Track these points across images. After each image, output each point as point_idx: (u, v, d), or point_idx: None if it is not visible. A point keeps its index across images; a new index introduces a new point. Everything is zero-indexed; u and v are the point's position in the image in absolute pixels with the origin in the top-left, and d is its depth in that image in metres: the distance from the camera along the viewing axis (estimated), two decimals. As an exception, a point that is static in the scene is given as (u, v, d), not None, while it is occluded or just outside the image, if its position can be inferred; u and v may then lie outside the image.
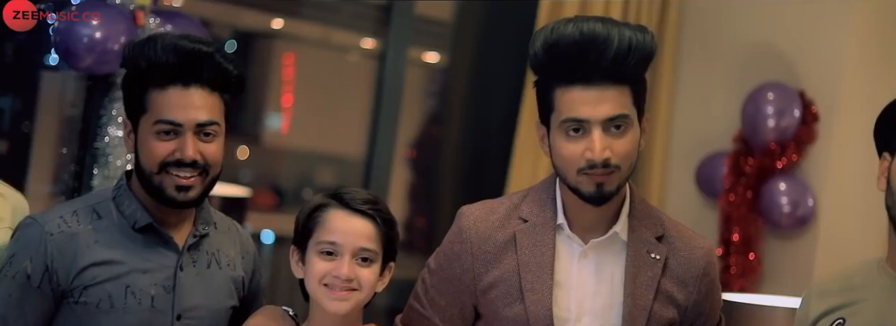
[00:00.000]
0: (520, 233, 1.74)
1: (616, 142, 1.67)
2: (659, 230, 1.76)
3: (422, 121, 4.39)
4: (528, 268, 1.72)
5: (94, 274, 1.72)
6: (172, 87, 1.72)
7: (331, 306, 1.71)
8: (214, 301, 1.82)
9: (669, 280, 1.73)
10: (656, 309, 1.70)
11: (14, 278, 1.70)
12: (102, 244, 1.74)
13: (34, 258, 1.71)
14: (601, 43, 1.64)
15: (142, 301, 1.74)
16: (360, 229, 1.73)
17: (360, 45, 4.27)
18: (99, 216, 1.76)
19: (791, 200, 3.47)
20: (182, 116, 1.72)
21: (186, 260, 1.79)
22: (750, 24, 3.67)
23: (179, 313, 1.77)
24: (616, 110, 1.67)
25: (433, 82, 4.42)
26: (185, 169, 1.72)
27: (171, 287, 1.76)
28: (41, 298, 1.71)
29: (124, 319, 1.72)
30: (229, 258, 1.86)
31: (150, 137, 1.73)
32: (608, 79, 1.66)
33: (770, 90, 3.51)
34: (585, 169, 1.66)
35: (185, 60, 1.72)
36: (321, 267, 1.71)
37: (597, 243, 1.73)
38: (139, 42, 1.77)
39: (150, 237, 1.77)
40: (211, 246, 1.84)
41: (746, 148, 3.56)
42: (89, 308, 1.72)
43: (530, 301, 1.70)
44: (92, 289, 1.72)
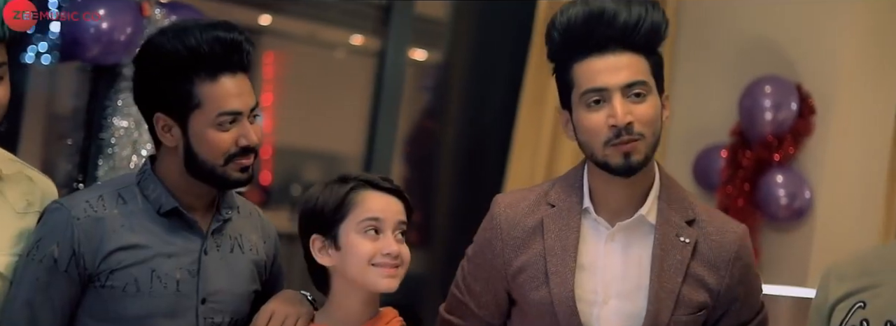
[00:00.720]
0: (547, 218, 1.76)
1: (637, 108, 1.68)
2: (690, 214, 1.76)
3: (418, 118, 4.40)
4: (554, 252, 1.73)
5: (121, 259, 1.72)
6: (223, 77, 1.72)
7: (383, 284, 1.72)
8: (238, 286, 1.82)
9: (700, 264, 1.72)
10: (685, 292, 1.70)
11: (41, 262, 1.70)
12: (128, 228, 1.74)
13: (61, 242, 1.71)
14: (610, 15, 1.68)
15: (167, 285, 1.74)
16: (395, 206, 1.75)
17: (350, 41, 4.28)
18: (124, 200, 1.76)
19: (788, 192, 3.51)
20: (240, 104, 1.73)
21: (211, 245, 1.79)
22: (747, 17, 3.71)
23: (204, 297, 1.77)
24: (634, 76, 1.69)
25: (429, 79, 4.43)
26: (248, 155, 1.74)
27: (195, 272, 1.76)
28: (68, 282, 1.72)
29: (150, 303, 1.73)
30: (252, 242, 1.86)
31: (210, 130, 1.72)
32: (621, 46, 1.69)
33: (767, 83, 3.55)
34: (612, 140, 1.67)
35: (230, 49, 1.72)
36: (368, 246, 1.72)
37: (624, 226, 1.73)
38: (172, 33, 1.73)
39: (174, 221, 1.77)
40: (234, 231, 1.84)
41: (743, 140, 3.60)
42: (115, 292, 1.72)
43: (554, 284, 1.71)
44: (118, 273, 1.72)
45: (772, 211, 3.53)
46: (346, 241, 1.74)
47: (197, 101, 1.71)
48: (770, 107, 3.51)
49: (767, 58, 3.65)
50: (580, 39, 1.70)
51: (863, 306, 1.66)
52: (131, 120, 2.63)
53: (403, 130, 4.07)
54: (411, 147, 4.14)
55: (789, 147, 3.52)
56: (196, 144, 1.73)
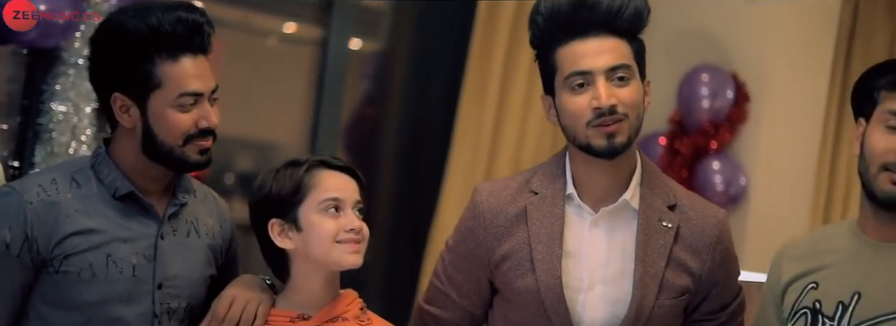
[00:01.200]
0: (530, 206, 1.76)
1: (621, 91, 1.69)
2: (671, 199, 1.77)
3: (359, 107, 4.38)
4: (539, 239, 1.73)
5: (75, 243, 1.69)
6: (184, 58, 1.70)
7: (349, 259, 1.73)
8: (194, 270, 1.79)
9: (682, 249, 1.74)
10: (668, 277, 1.71)
11: None
12: (82, 212, 1.70)
13: (13, 226, 1.66)
14: (592, 0, 1.70)
15: (123, 271, 1.71)
16: (351, 184, 1.76)
17: (282, 29, 4.24)
18: (78, 184, 1.72)
19: (724, 179, 3.58)
20: (201, 85, 1.71)
21: (167, 229, 1.77)
22: (684, 7, 3.78)
23: (160, 282, 1.74)
24: (617, 60, 1.70)
25: (370, 68, 4.42)
26: (207, 137, 1.73)
27: (152, 256, 1.74)
28: (20, 267, 1.67)
29: (106, 288, 1.69)
30: (208, 226, 1.84)
31: (169, 111, 1.70)
32: (604, 30, 1.71)
33: (704, 72, 3.62)
34: (594, 121, 1.68)
35: (191, 30, 1.70)
36: (331, 224, 1.72)
37: (607, 211, 1.74)
38: (133, 12, 1.70)
39: (130, 205, 1.74)
40: (190, 215, 1.81)
41: (681, 128, 3.66)
42: (70, 278, 1.68)
43: (540, 272, 1.71)
44: (73, 258, 1.68)
45: (708, 197, 3.58)
46: (307, 222, 1.73)
47: (157, 81, 1.69)
48: (707, 96, 3.59)
49: (704, 47, 3.72)
50: (564, 24, 1.71)
51: (815, 286, 1.69)
52: (70, 105, 2.57)
53: (344, 119, 4.05)
54: (352, 136, 4.13)
55: (725, 134, 3.60)
56: (155, 125, 1.71)
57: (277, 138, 4.19)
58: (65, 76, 2.56)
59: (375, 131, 4.13)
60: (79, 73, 2.56)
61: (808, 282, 1.70)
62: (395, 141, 3.99)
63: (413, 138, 3.97)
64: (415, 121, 3.97)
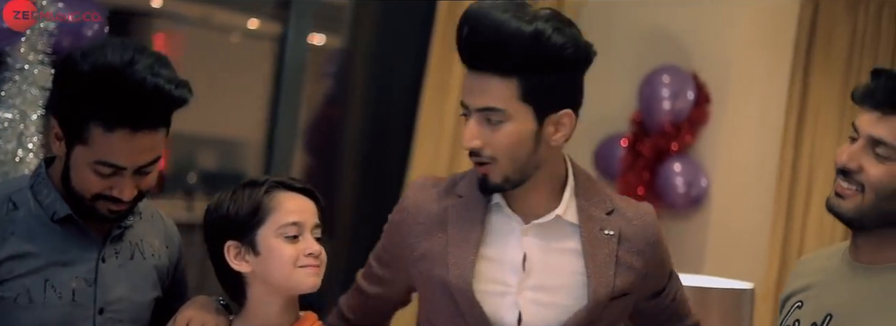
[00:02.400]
0: (452, 209, 1.75)
1: (493, 134, 1.65)
2: (608, 205, 1.76)
3: (320, 104, 4.34)
4: (456, 243, 1.72)
5: (11, 268, 1.63)
6: (119, 131, 1.57)
7: (309, 282, 1.70)
8: (138, 294, 1.74)
9: (626, 251, 1.74)
10: (618, 282, 1.72)
11: None
12: (19, 236, 1.64)
13: None
14: (481, 30, 1.62)
15: (62, 296, 1.65)
16: (310, 207, 1.72)
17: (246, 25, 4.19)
18: (15, 206, 1.66)
19: (686, 181, 3.58)
20: (126, 161, 1.61)
21: (108, 252, 1.71)
22: (645, 8, 3.76)
23: (101, 306, 1.69)
24: (487, 102, 1.64)
25: (331, 64, 4.37)
26: (120, 203, 1.65)
27: (93, 280, 1.68)
28: None
29: (44, 314, 1.64)
30: (153, 248, 1.79)
31: (85, 169, 1.61)
32: (491, 68, 1.63)
33: (665, 73, 3.61)
34: (471, 156, 1.68)
35: (146, 105, 1.57)
36: (291, 250, 1.69)
37: (538, 224, 1.73)
38: (90, 66, 1.56)
39: (69, 228, 1.68)
40: (134, 236, 1.76)
41: (643, 129, 3.65)
42: (7, 304, 1.63)
43: (453, 276, 1.71)
44: (9, 284, 1.63)
45: (670, 199, 3.60)
46: (266, 246, 1.69)
47: (83, 138, 1.59)
48: (668, 97, 3.58)
49: (665, 48, 3.71)
50: (461, 52, 1.67)
51: (800, 306, 1.70)
52: (16, 112, 2.49)
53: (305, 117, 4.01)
54: (313, 134, 4.08)
55: (686, 135, 3.59)
56: (72, 170, 1.64)
57: (242, 136, 4.14)
58: (10, 82, 2.49)
59: (336, 129, 4.08)
60: (25, 79, 2.48)
61: (797, 300, 1.71)
62: (357, 139, 3.96)
63: (375, 136, 3.93)
64: (376, 119, 3.93)
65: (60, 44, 2.56)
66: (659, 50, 3.71)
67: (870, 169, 1.59)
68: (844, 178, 1.60)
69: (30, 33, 2.48)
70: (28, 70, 2.50)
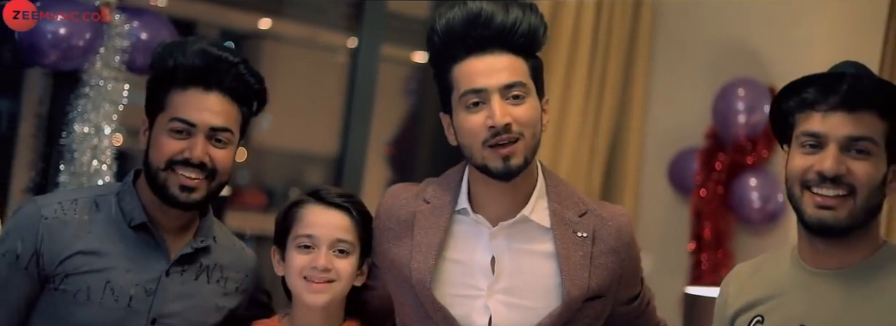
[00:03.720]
0: (419, 214, 1.77)
1: (516, 109, 1.68)
2: (581, 207, 1.78)
3: (400, 119, 4.40)
4: (419, 249, 1.75)
5: (78, 264, 1.73)
6: (193, 89, 1.75)
7: (309, 298, 1.75)
8: (195, 314, 1.82)
9: (601, 252, 1.75)
10: (593, 284, 1.73)
11: (4, 256, 1.73)
12: (94, 235, 1.75)
13: (25, 238, 1.73)
14: (487, 16, 1.69)
15: (119, 299, 1.74)
16: (336, 221, 1.77)
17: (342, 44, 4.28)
18: (98, 208, 1.78)
19: (761, 195, 3.49)
20: (197, 117, 1.74)
21: (175, 268, 1.80)
22: (721, 20, 3.70)
23: (155, 317, 1.77)
24: (512, 77, 1.69)
25: (411, 80, 4.43)
26: (192, 170, 1.74)
27: (152, 291, 1.77)
28: (26, 279, 1.73)
29: (98, 313, 1.73)
30: (226, 276, 1.86)
31: (162, 134, 1.75)
32: (499, 46, 1.69)
33: (740, 86, 3.53)
34: (490, 141, 1.68)
35: (210, 65, 1.75)
36: (299, 260, 1.76)
37: (506, 225, 1.75)
38: (170, 44, 1.81)
39: (143, 236, 1.78)
40: (208, 260, 1.84)
41: (717, 144, 3.58)
42: (67, 297, 1.73)
43: (415, 281, 1.73)
44: (73, 278, 1.73)
45: (745, 214, 3.52)
46: (287, 254, 1.79)
47: (162, 105, 1.76)
48: (743, 110, 3.50)
49: (741, 60, 3.63)
50: (459, 41, 1.70)
51: (761, 320, 1.66)
52: (91, 125, 2.63)
53: (385, 130, 4.06)
54: (393, 148, 4.14)
55: (763, 150, 3.50)
56: (151, 147, 1.77)
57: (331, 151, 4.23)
58: (86, 98, 2.63)
59: (414, 144, 4.14)
60: (99, 95, 2.62)
61: (754, 315, 1.67)
62: (433, 152, 4.00)
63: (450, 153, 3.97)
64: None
65: (134, 61, 2.70)
66: (734, 62, 3.64)
67: (856, 169, 1.56)
68: (832, 186, 1.56)
69: (104, 51, 2.62)
70: (102, 86, 2.64)
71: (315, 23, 4.38)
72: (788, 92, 1.67)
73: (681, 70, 3.80)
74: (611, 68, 3.72)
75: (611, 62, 3.72)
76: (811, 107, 1.61)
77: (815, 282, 1.62)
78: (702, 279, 3.50)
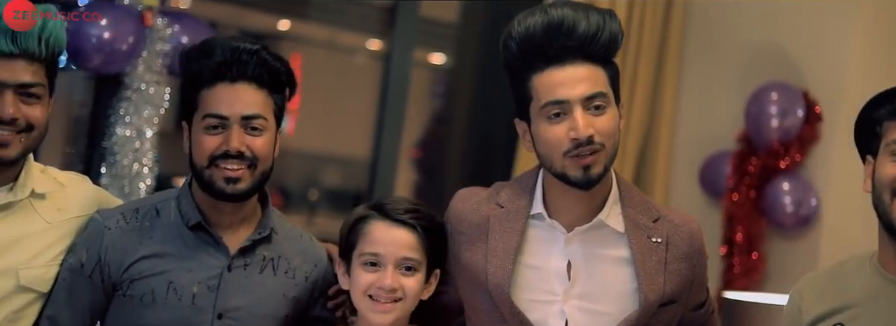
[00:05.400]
0: (493, 218, 1.77)
1: (598, 120, 1.68)
2: (654, 213, 1.78)
3: (427, 122, 4.41)
4: (495, 253, 1.75)
5: (141, 269, 1.79)
6: (220, 84, 1.77)
7: (375, 319, 1.74)
8: (261, 306, 1.83)
9: (675, 258, 1.76)
10: (668, 289, 1.73)
11: (71, 265, 1.80)
12: (156, 240, 1.80)
13: (90, 248, 1.79)
14: (569, 25, 1.67)
15: (183, 298, 1.78)
16: (402, 239, 1.75)
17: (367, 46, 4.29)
18: (158, 214, 1.83)
19: (794, 200, 3.48)
20: (227, 110, 1.77)
21: (237, 263, 1.82)
22: (753, 24, 3.69)
23: (220, 312, 1.80)
24: (593, 88, 1.69)
25: (439, 83, 4.44)
26: (233, 162, 1.76)
27: (215, 286, 1.79)
28: (91, 287, 1.79)
29: (164, 314, 1.77)
30: (292, 266, 1.87)
31: (199, 133, 1.78)
32: (580, 57, 1.68)
33: (773, 90, 3.53)
34: (571, 151, 1.68)
35: (231, 57, 1.77)
36: (365, 278, 1.74)
37: (582, 230, 1.75)
38: (190, 48, 1.84)
39: (201, 236, 1.81)
40: (271, 252, 1.86)
41: (750, 147, 3.58)
42: (134, 301, 1.78)
43: (492, 285, 1.73)
44: (138, 283, 1.78)
45: (778, 218, 3.51)
46: (352, 270, 1.78)
47: (195, 105, 1.79)
48: (776, 114, 3.49)
49: (774, 64, 3.62)
50: (539, 50, 1.69)
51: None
52: (133, 128, 2.65)
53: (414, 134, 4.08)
54: (420, 150, 4.16)
55: (795, 154, 3.50)
56: (193, 148, 1.80)
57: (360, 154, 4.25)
58: (128, 101, 2.65)
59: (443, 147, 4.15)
60: (141, 98, 2.65)
61: (834, 324, 1.66)
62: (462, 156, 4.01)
63: (480, 153, 3.98)
64: (481, 136, 3.97)
65: (174, 65, 2.71)
66: (767, 66, 3.63)
67: None
68: None
69: (146, 55, 2.65)
70: (144, 89, 2.66)
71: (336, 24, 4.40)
72: (879, 101, 1.66)
73: (713, 73, 3.79)
74: (641, 71, 3.72)
75: (641, 65, 3.71)
76: None
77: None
78: (733, 283, 3.50)
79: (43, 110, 1.74)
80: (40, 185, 1.80)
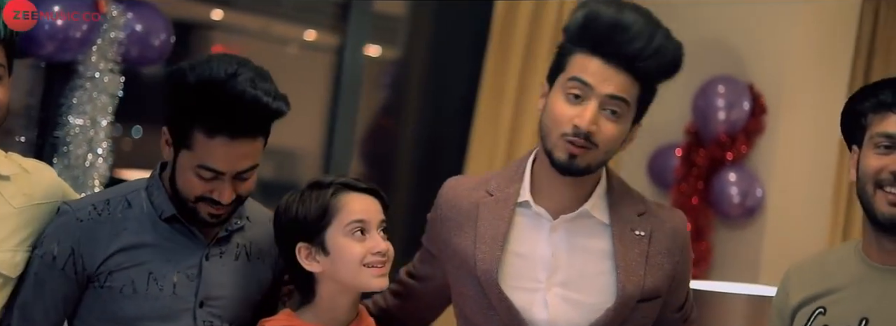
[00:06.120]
0: (482, 206, 1.79)
1: (605, 124, 1.69)
2: (640, 207, 1.80)
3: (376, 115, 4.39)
4: (484, 240, 1.77)
5: (119, 261, 1.75)
6: (219, 138, 1.66)
7: (376, 283, 1.75)
8: (240, 292, 1.82)
9: (657, 252, 1.78)
10: (648, 282, 1.75)
11: (42, 258, 1.75)
12: (131, 231, 1.76)
13: (62, 241, 1.74)
14: (630, 35, 1.68)
15: (163, 288, 1.76)
16: (375, 205, 1.78)
17: (303, 37, 4.26)
18: (130, 205, 1.78)
19: (740, 190, 3.57)
20: (225, 166, 1.69)
21: (214, 251, 1.80)
22: (700, 19, 3.76)
23: (202, 300, 1.78)
24: (620, 91, 1.69)
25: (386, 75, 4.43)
26: (220, 207, 1.74)
27: (195, 275, 1.78)
28: (64, 280, 1.75)
29: (145, 304, 1.75)
30: (263, 251, 1.86)
31: (189, 172, 1.71)
32: (625, 66, 1.69)
33: (720, 83, 3.60)
34: (568, 136, 1.69)
35: (239, 114, 1.65)
36: (358, 248, 1.74)
37: (567, 219, 1.77)
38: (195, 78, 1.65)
39: (177, 226, 1.78)
40: (244, 238, 1.84)
41: (697, 140, 3.65)
42: (113, 293, 1.75)
43: (481, 271, 1.75)
44: (116, 275, 1.75)
45: (725, 209, 3.59)
46: (334, 245, 1.76)
47: (188, 144, 1.70)
48: (723, 107, 3.57)
49: (720, 58, 3.70)
50: (595, 37, 1.70)
51: (823, 312, 1.69)
52: (86, 118, 2.59)
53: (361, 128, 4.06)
54: (369, 145, 4.14)
55: (742, 146, 3.58)
56: (177, 174, 1.75)
57: (295, 146, 4.22)
58: (82, 89, 2.59)
59: (392, 139, 4.14)
60: (95, 87, 2.58)
61: (816, 307, 1.71)
62: (412, 148, 4.00)
63: (430, 145, 3.98)
64: (431, 128, 3.97)
65: (129, 53, 2.66)
66: (714, 60, 3.71)
67: None
68: None
69: (101, 42, 2.59)
70: (98, 78, 2.60)
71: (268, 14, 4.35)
72: (865, 93, 1.70)
73: (661, 67, 3.85)
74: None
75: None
76: (888, 109, 1.65)
77: (882, 278, 1.66)
78: (682, 272, 3.57)
79: (4, 91, 1.69)
80: (4, 168, 1.76)
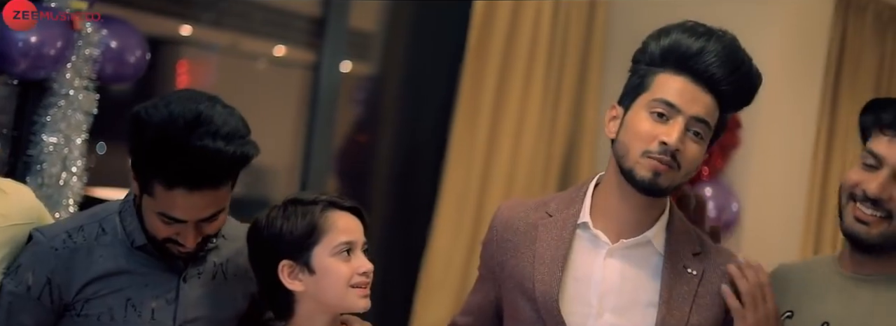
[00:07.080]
0: (542, 227, 1.78)
1: (689, 145, 1.69)
2: (697, 247, 1.78)
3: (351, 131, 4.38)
4: (543, 261, 1.75)
5: (96, 289, 1.72)
6: (177, 190, 1.61)
7: (361, 303, 1.74)
8: (221, 312, 1.80)
9: (708, 293, 1.75)
10: (693, 320, 1.73)
11: (16, 288, 1.71)
12: (106, 258, 1.73)
13: (37, 270, 1.71)
14: (723, 56, 1.71)
15: (142, 314, 1.73)
16: (359, 225, 1.77)
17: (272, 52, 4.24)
18: (104, 231, 1.75)
19: (717, 205, 3.58)
20: (186, 216, 1.66)
21: (191, 273, 1.78)
22: (675, 30, 3.78)
23: (181, 323, 1.76)
24: (705, 114, 1.69)
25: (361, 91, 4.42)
26: (185, 247, 1.72)
27: (173, 299, 1.75)
28: (39, 309, 1.72)
29: None
30: (238, 267, 1.83)
31: (153, 217, 1.68)
32: (710, 87, 1.70)
33: (695, 98, 3.62)
34: (653, 153, 1.67)
35: (199, 168, 1.60)
36: (346, 269, 1.72)
37: (627, 244, 1.75)
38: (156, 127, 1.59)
39: (151, 251, 1.76)
40: (220, 257, 1.81)
41: (673, 154, 3.66)
42: (90, 321, 1.72)
43: (539, 294, 1.73)
44: (93, 302, 1.72)
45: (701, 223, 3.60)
46: (320, 265, 1.72)
47: (149, 189, 1.66)
48: (698, 121, 3.59)
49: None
50: (683, 57, 1.71)
51: (790, 316, 1.75)
52: (61, 136, 2.56)
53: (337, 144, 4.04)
54: (344, 161, 4.12)
55: (717, 160, 3.60)
56: (144, 213, 1.72)
57: (268, 162, 4.19)
58: (56, 107, 2.55)
59: (368, 155, 4.12)
60: (69, 105, 2.55)
61: (784, 311, 1.74)
62: (388, 164, 3.99)
63: (406, 161, 3.97)
64: (408, 145, 3.96)
65: (104, 70, 2.63)
66: (688, 75, 3.73)
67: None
68: (872, 206, 1.65)
69: (75, 59, 2.55)
70: (73, 95, 2.57)
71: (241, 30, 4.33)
72: (870, 107, 1.75)
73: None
74: (566, 78, 3.78)
75: (566, 72, 3.77)
76: (882, 129, 1.67)
77: (848, 286, 1.71)
78: (659, 286, 3.57)
79: None
80: None
